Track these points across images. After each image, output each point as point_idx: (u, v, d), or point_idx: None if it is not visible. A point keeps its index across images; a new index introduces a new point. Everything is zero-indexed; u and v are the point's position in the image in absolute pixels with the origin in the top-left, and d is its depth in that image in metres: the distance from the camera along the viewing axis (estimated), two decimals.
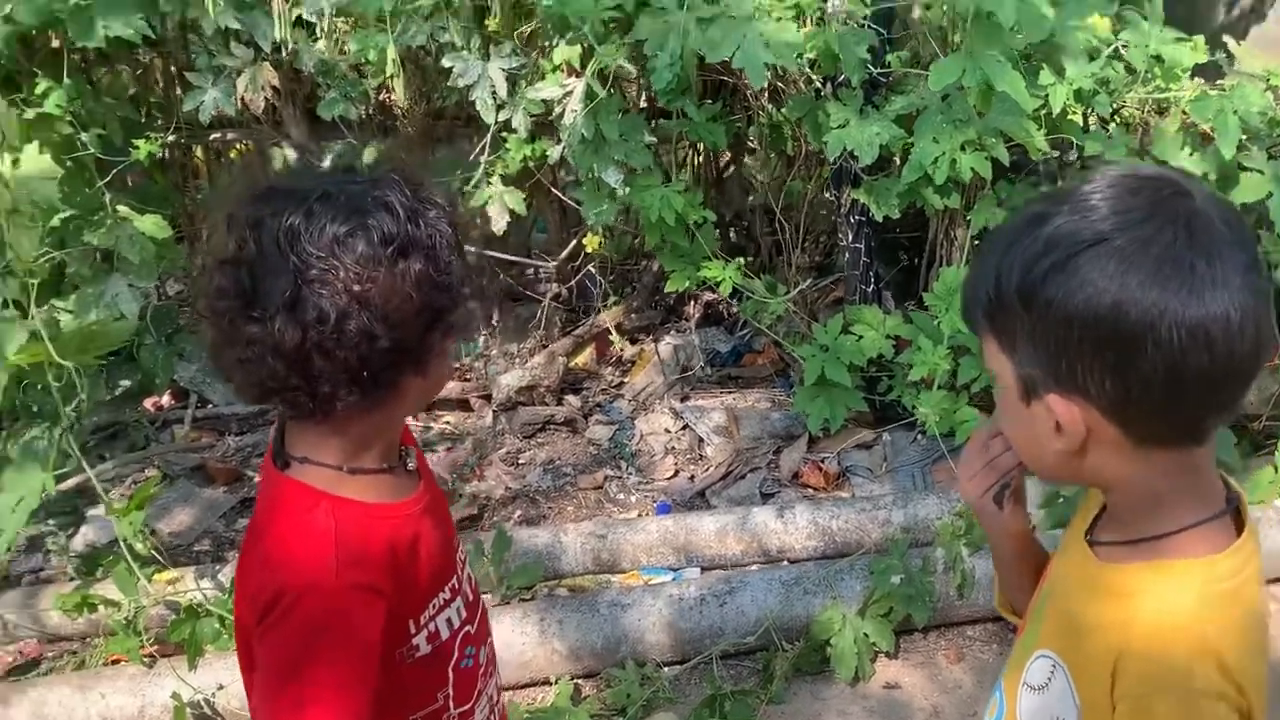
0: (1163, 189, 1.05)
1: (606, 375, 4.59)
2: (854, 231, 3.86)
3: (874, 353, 3.73)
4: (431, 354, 1.28)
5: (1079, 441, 1.07)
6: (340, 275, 1.19)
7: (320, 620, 1.23)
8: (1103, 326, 1.01)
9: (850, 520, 3.42)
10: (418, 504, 1.38)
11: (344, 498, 1.29)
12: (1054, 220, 1.05)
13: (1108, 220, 1.02)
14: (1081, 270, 1.01)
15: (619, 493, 3.95)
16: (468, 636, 1.44)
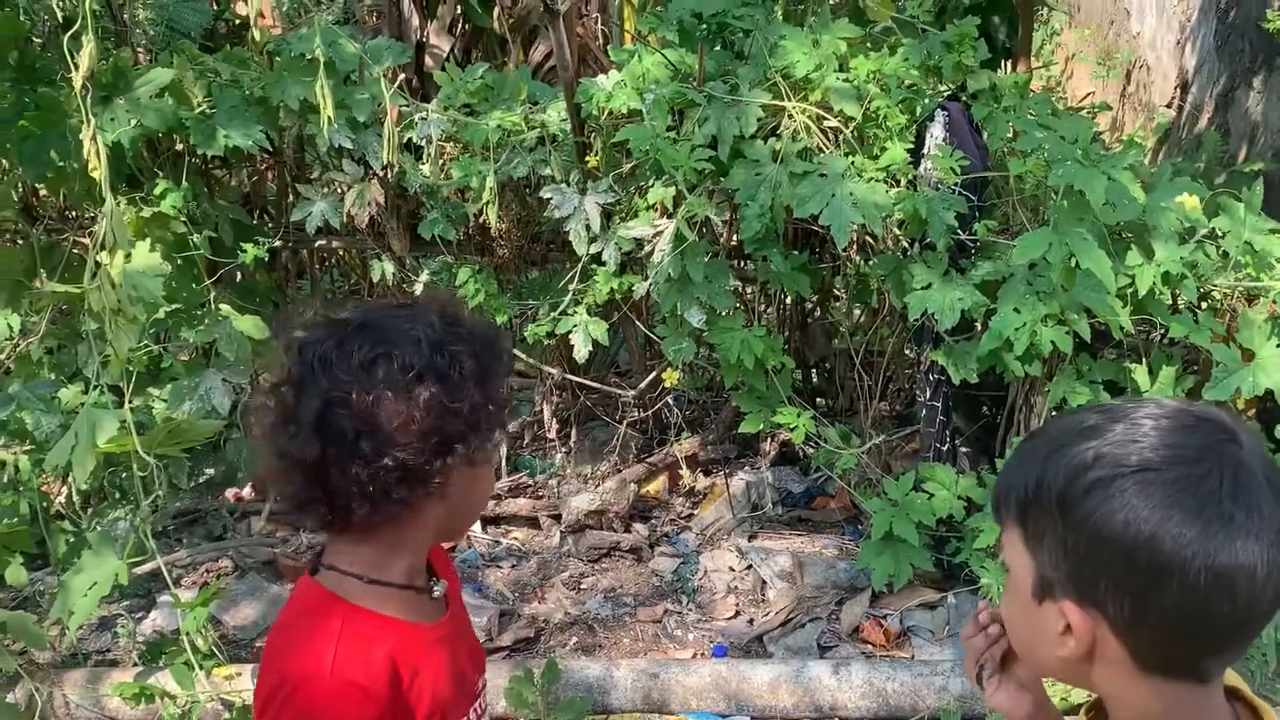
0: (1216, 432, 1.07)
1: (676, 505, 4.61)
2: (932, 389, 3.86)
3: (944, 512, 3.69)
4: (444, 478, 1.33)
5: (1084, 651, 1.09)
6: (357, 397, 1.29)
7: (312, 712, 1.29)
8: (1136, 553, 1.02)
9: (906, 684, 3.36)
10: (433, 632, 1.41)
11: (358, 605, 1.35)
12: (1107, 436, 1.07)
13: (1158, 451, 1.05)
14: (1127, 493, 1.03)
15: (676, 629, 3.94)
16: None
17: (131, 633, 3.62)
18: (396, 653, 1.34)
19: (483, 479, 1.43)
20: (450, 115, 3.76)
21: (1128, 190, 3.23)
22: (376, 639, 1.34)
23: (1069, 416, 1.15)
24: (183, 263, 3.85)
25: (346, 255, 5.01)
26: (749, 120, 3.50)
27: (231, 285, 4.25)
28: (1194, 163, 5.59)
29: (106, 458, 3.38)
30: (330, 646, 1.31)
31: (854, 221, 3.32)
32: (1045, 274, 3.33)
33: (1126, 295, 3.35)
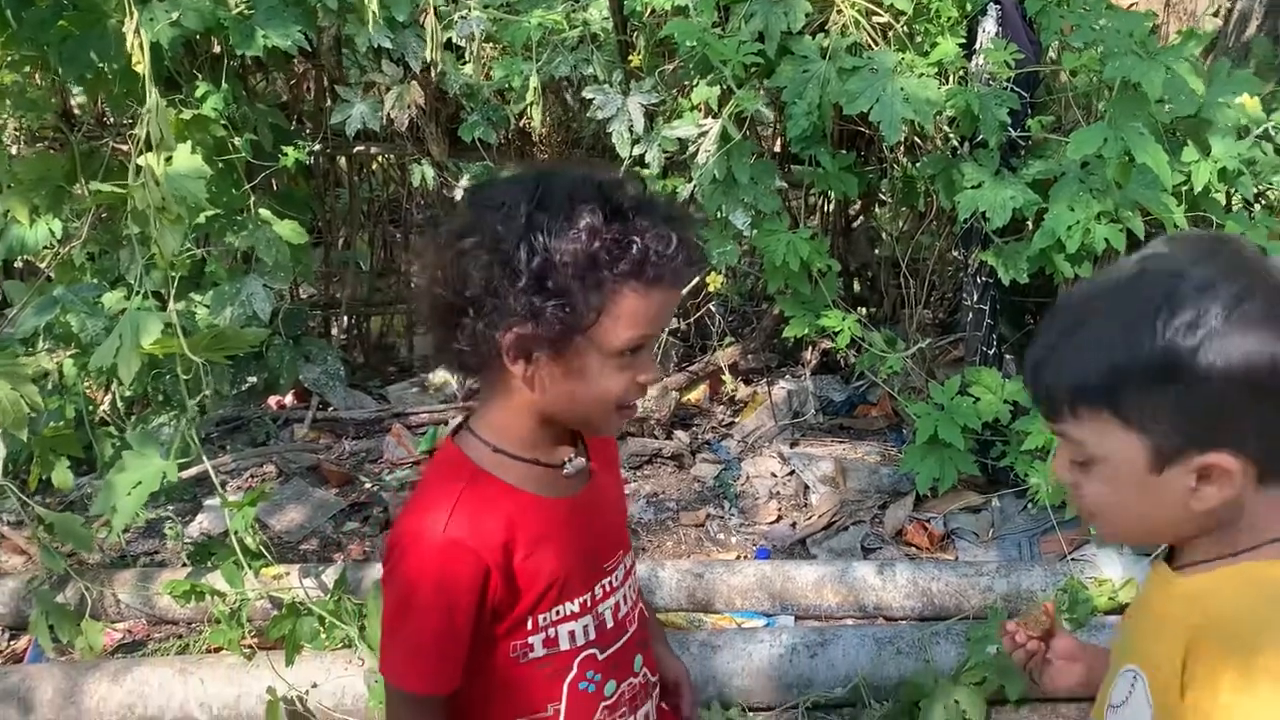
0: (1232, 245, 1.12)
1: (718, 414, 4.61)
2: (979, 292, 3.81)
3: (990, 416, 3.67)
4: (596, 304, 1.27)
5: (1236, 492, 1.11)
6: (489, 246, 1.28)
7: (419, 571, 1.33)
8: (1265, 382, 1.05)
9: (951, 584, 3.37)
10: (560, 505, 1.40)
11: (484, 470, 1.37)
12: (1180, 289, 1.07)
13: (1230, 283, 1.06)
14: (1234, 333, 1.05)
15: (719, 532, 3.95)
16: (593, 660, 1.45)
17: (179, 535, 3.66)
18: (516, 521, 1.35)
19: (580, 376, 1.33)
20: (490, 14, 3.69)
21: (1186, 83, 3.14)
22: (496, 504, 1.35)
23: (1095, 291, 1.15)
24: (223, 167, 3.83)
25: (385, 162, 4.98)
26: (797, 15, 3.42)
27: (270, 193, 4.23)
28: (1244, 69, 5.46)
29: (150, 363, 3.40)
30: (447, 506, 1.33)
31: (904, 118, 3.26)
32: (1099, 171, 3.27)
33: (1181, 193, 3.28)
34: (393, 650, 1.38)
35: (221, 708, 2.98)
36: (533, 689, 1.42)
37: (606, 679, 1.47)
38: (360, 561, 3.64)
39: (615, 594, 1.48)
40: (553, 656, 1.41)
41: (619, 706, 1.49)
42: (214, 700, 2.98)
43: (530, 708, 1.42)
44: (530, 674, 1.41)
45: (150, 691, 2.99)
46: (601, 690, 1.46)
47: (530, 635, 1.39)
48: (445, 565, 1.32)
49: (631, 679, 1.51)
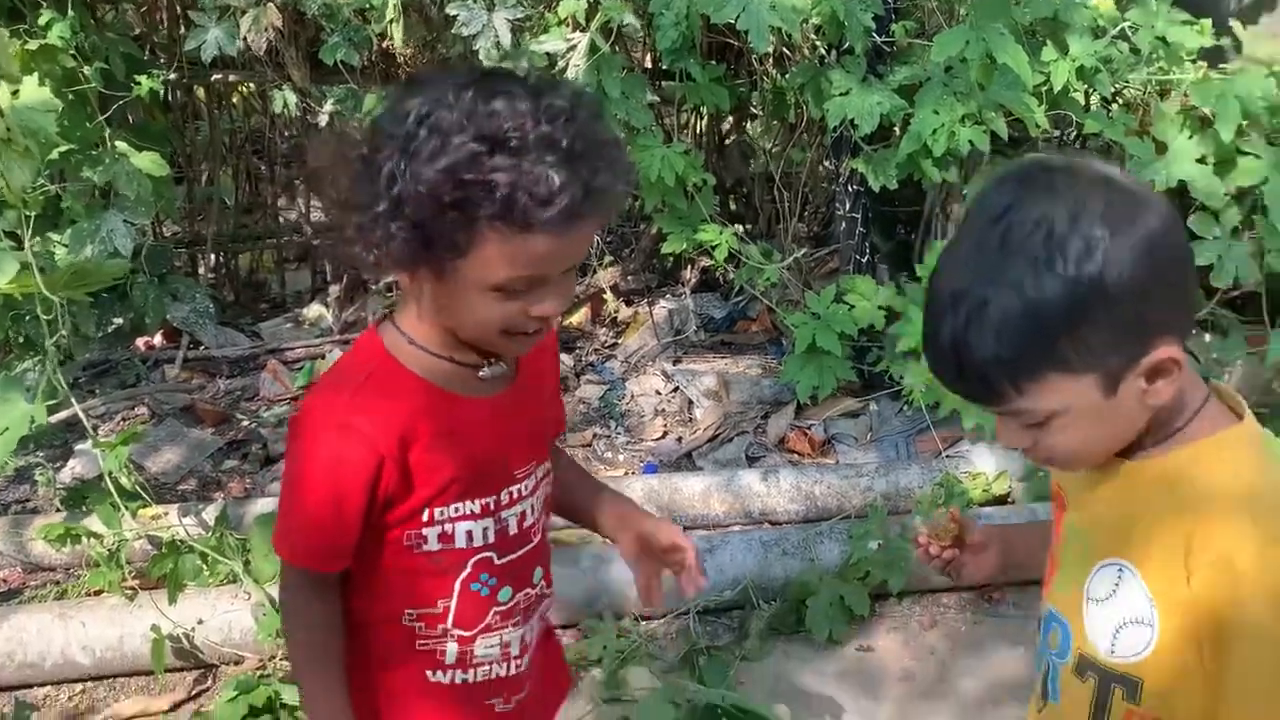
0: (1049, 166, 1.16)
1: (600, 335, 4.61)
2: (851, 201, 3.87)
3: (865, 323, 3.74)
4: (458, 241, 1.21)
5: (1182, 373, 1.15)
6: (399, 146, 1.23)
7: (312, 450, 1.35)
8: (1162, 261, 1.11)
9: (833, 486, 3.45)
10: (472, 405, 1.39)
11: (398, 361, 1.36)
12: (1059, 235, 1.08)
13: (1085, 197, 1.10)
14: (1119, 236, 1.08)
15: (606, 451, 3.97)
16: (489, 564, 1.44)
17: (50, 480, 3.54)
18: (419, 414, 1.34)
19: (456, 301, 1.29)
20: None
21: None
22: (401, 395, 1.34)
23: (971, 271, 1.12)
24: (74, 99, 3.66)
25: (245, 91, 4.82)
26: None
27: (126, 127, 4.06)
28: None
29: (9, 306, 3.26)
30: (349, 390, 1.34)
31: (771, 26, 3.26)
32: (962, 74, 3.33)
33: (1042, 93, 3.36)
34: (285, 526, 1.41)
35: (105, 649, 2.91)
36: (424, 582, 1.42)
37: (502, 584, 1.46)
38: (241, 498, 3.57)
39: (522, 502, 1.47)
40: (447, 553, 1.41)
41: (513, 614, 1.49)
42: (96, 643, 2.91)
43: (419, 600, 1.43)
44: (422, 565, 1.41)
45: (29, 638, 2.90)
46: (495, 595, 1.46)
47: (425, 527, 1.39)
48: (337, 448, 1.33)
49: (529, 589, 1.51)
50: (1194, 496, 1.16)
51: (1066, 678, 1.29)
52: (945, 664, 2.99)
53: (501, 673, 1.51)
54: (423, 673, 1.48)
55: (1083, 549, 1.27)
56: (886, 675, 2.95)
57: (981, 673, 2.95)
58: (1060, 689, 1.30)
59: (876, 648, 3.04)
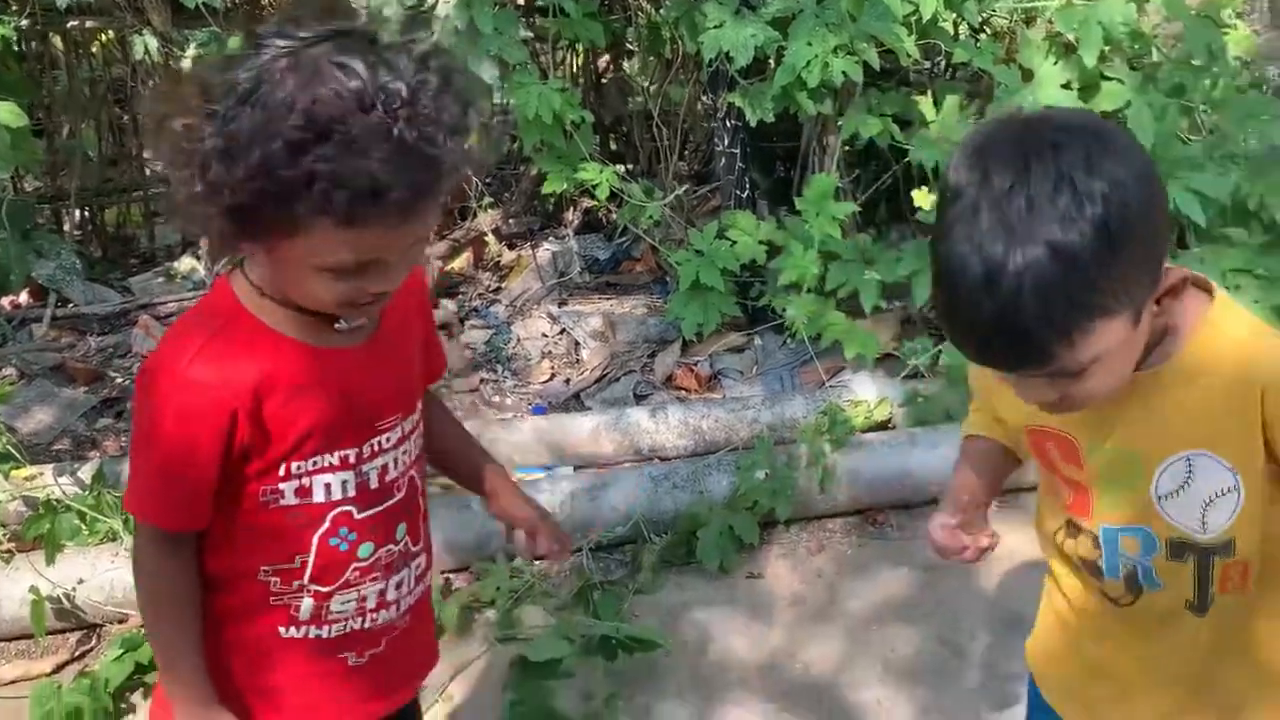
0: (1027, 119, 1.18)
1: (483, 280, 4.58)
2: (730, 137, 3.89)
3: (748, 258, 3.78)
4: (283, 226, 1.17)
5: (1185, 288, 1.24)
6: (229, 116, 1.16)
7: (161, 406, 1.29)
8: (1160, 192, 1.16)
9: (720, 420, 3.49)
10: (329, 355, 1.35)
11: (249, 311, 1.31)
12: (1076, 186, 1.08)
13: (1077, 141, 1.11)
14: (1119, 169, 1.10)
15: (495, 396, 3.96)
16: (348, 518, 1.40)
17: None
18: (273, 366, 1.30)
19: (288, 275, 1.25)
20: None
21: None
22: (253, 347, 1.29)
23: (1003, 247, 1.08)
24: None
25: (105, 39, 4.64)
26: None
27: None
28: None
29: None
30: (196, 344, 1.28)
31: None
32: (834, 6, 3.36)
33: (911, 23, 3.41)
34: (136, 483, 1.35)
35: None
36: (281, 537, 1.39)
37: (362, 540, 1.42)
38: (118, 456, 3.47)
39: (385, 455, 1.43)
40: (304, 507, 1.37)
41: (373, 570, 1.45)
42: None
43: (276, 556, 1.40)
44: (279, 521, 1.37)
45: None
46: (355, 550, 1.42)
47: (282, 481, 1.35)
48: (186, 403, 1.28)
49: (391, 545, 1.46)
50: (1243, 366, 1.23)
51: (1163, 567, 1.36)
52: (833, 587, 3.06)
53: (356, 627, 1.47)
54: (275, 628, 1.44)
55: (1132, 464, 1.32)
56: (776, 600, 3.01)
57: (867, 594, 3.03)
58: (1159, 579, 1.38)
59: (766, 575, 3.10)
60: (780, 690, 2.71)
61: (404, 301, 1.42)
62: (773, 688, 2.71)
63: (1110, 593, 1.44)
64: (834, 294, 3.67)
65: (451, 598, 2.94)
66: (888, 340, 3.80)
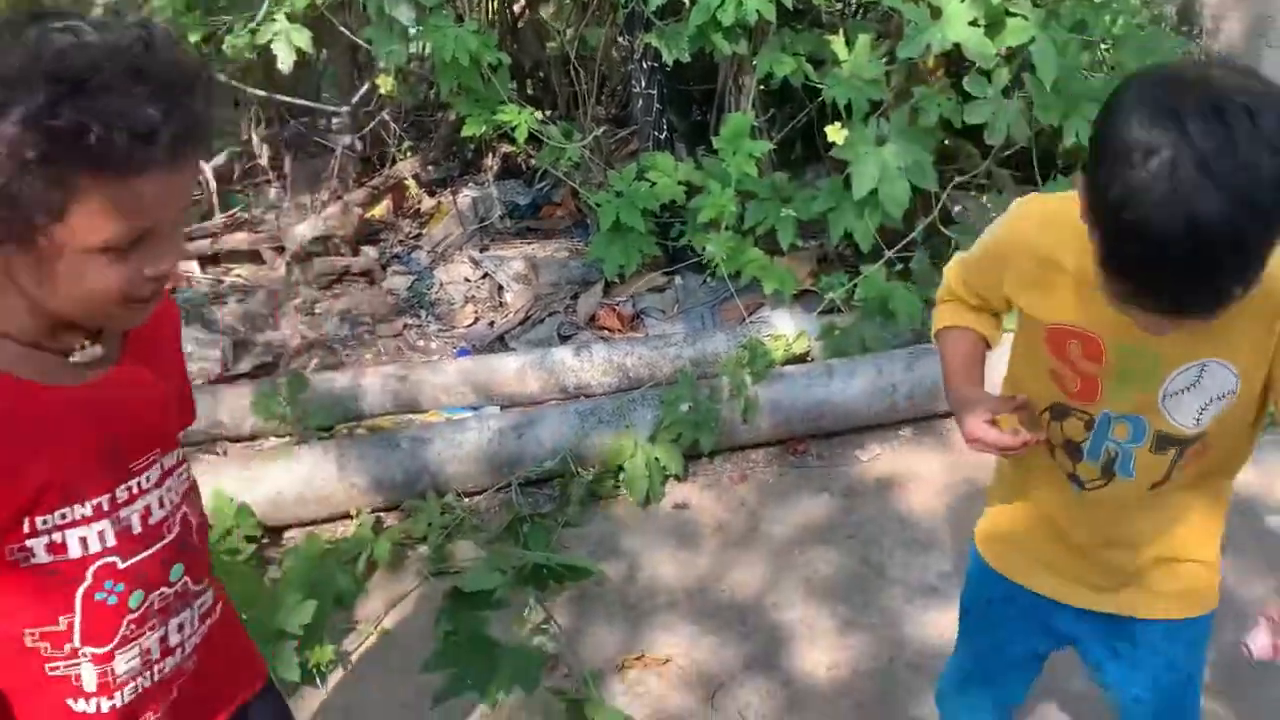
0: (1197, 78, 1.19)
1: (404, 227, 4.58)
2: (647, 78, 3.93)
3: (667, 198, 3.83)
4: (50, 202, 1.06)
5: None
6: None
7: None
8: None
9: (644, 357, 3.56)
10: (64, 394, 1.21)
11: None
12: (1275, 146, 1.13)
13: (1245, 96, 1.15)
14: None
15: (419, 340, 3.98)
16: (112, 570, 1.28)
17: None
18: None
19: (57, 274, 1.12)
20: None
21: None
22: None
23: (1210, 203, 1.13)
24: None
25: None
26: None
27: None
28: None
29: None
30: None
31: None
32: None
33: None
34: None
35: None
36: (39, 598, 1.25)
37: (132, 589, 1.30)
38: None
39: (145, 496, 1.31)
40: (61, 563, 1.24)
41: (148, 619, 1.34)
42: None
43: (37, 619, 1.26)
44: (35, 581, 1.23)
45: None
46: (125, 602, 1.30)
47: (30, 539, 1.21)
48: None
49: (165, 589, 1.35)
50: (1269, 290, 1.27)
51: (1143, 455, 1.53)
52: (756, 514, 3.15)
53: (146, 684, 1.36)
54: (63, 703, 1.31)
55: (1151, 363, 1.45)
56: (702, 529, 3.10)
57: (789, 519, 3.13)
58: (1135, 465, 1.54)
59: (691, 504, 3.19)
60: (706, 613, 2.80)
61: (155, 325, 1.32)
62: (699, 611, 2.81)
63: (1082, 475, 1.58)
64: (752, 232, 3.74)
65: (384, 534, 2.98)
66: (804, 276, 3.89)
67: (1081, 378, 1.53)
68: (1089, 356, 1.50)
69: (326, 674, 2.63)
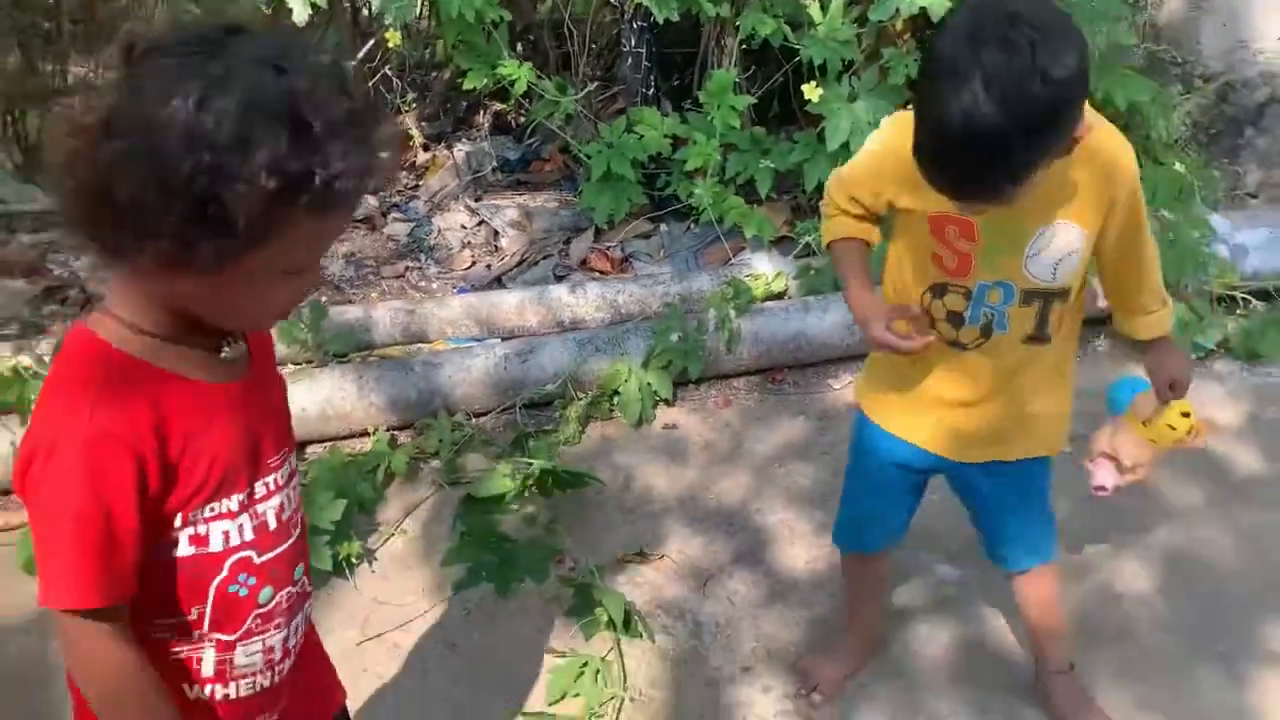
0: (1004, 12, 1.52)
1: (401, 177, 4.82)
2: (636, 37, 4.20)
3: (654, 150, 4.12)
4: (265, 231, 1.10)
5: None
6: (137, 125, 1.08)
7: (68, 473, 1.16)
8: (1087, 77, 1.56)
9: (634, 294, 3.84)
10: (219, 391, 1.27)
11: (126, 352, 1.20)
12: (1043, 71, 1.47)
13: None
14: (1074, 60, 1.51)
15: (420, 281, 4.24)
16: (247, 564, 1.33)
17: None
18: (166, 407, 1.20)
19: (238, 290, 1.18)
20: None
21: None
22: (142, 388, 1.19)
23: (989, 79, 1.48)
24: None
25: None
26: None
27: None
28: None
29: None
30: (88, 396, 1.16)
31: None
32: None
33: None
34: (52, 568, 1.19)
35: None
36: (175, 589, 1.29)
37: (262, 584, 1.35)
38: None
39: (280, 494, 1.37)
40: (200, 556, 1.28)
41: (274, 616, 1.38)
42: None
43: (170, 609, 1.30)
44: (173, 573, 1.28)
45: None
46: (255, 596, 1.35)
47: (177, 531, 1.26)
48: (98, 461, 1.16)
49: (290, 588, 1.40)
50: (1106, 162, 1.73)
51: (1014, 312, 1.87)
52: (739, 434, 3.45)
53: (265, 683, 1.40)
54: (179, 688, 1.33)
55: (1015, 230, 1.78)
56: (690, 446, 3.39)
57: (769, 440, 3.42)
58: (1009, 321, 1.88)
59: (680, 425, 3.48)
60: (697, 517, 3.09)
61: (264, 336, 1.41)
62: (690, 515, 3.10)
63: (964, 339, 1.93)
64: (733, 181, 4.03)
65: (399, 449, 3.25)
66: (781, 224, 4.19)
67: (958, 256, 1.85)
68: (964, 236, 1.83)
69: (355, 566, 2.89)
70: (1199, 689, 2.52)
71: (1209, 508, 3.09)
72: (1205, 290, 3.70)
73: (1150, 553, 2.92)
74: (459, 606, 2.78)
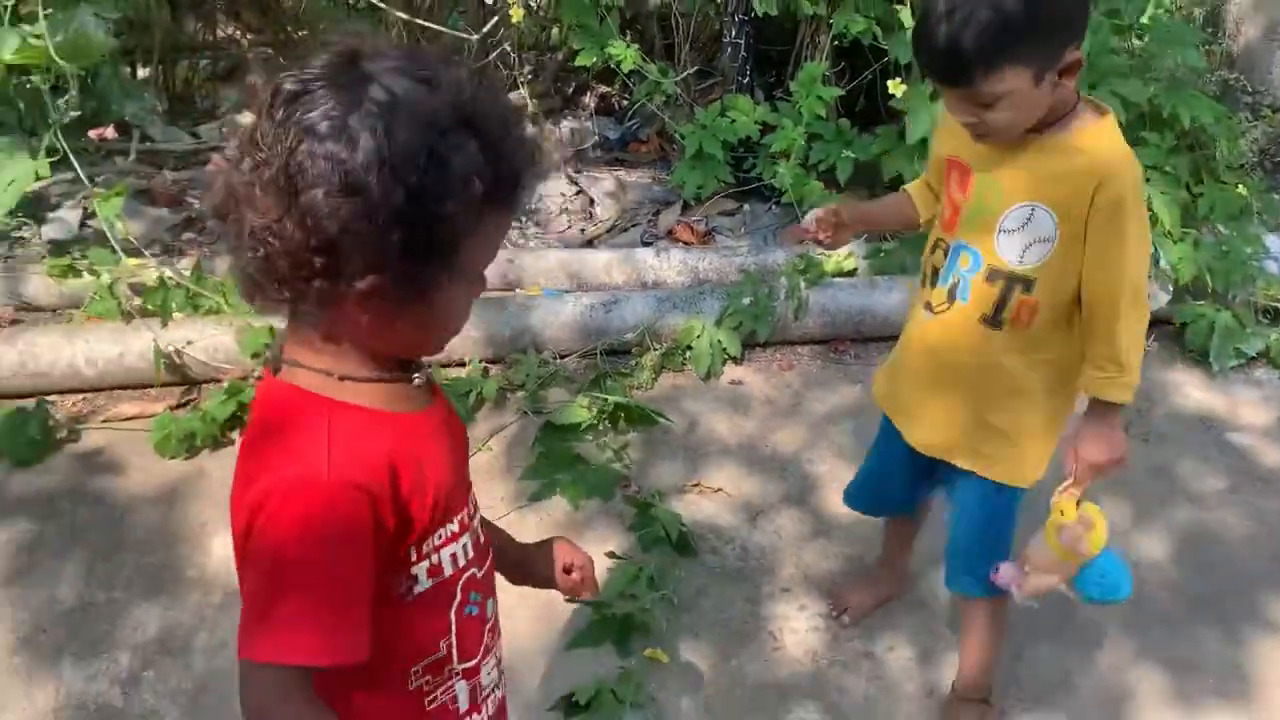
0: None
1: None
2: (737, 29, 4.53)
3: (744, 134, 4.43)
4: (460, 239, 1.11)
5: (1079, 71, 1.76)
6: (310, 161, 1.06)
7: (307, 524, 1.12)
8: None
9: (714, 263, 4.16)
10: (428, 420, 1.26)
11: (339, 399, 1.18)
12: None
13: None
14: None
15: (520, 240, 4.61)
16: (474, 581, 1.33)
17: (38, 233, 4.01)
18: (395, 448, 1.19)
19: (434, 307, 1.16)
20: None
21: None
22: (372, 434, 1.18)
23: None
24: None
25: None
26: None
27: None
28: None
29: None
30: (322, 445, 1.13)
31: None
32: None
33: None
34: (274, 619, 1.12)
35: (106, 363, 3.44)
36: (423, 629, 1.29)
37: (486, 598, 1.36)
38: (207, 258, 4.10)
39: (480, 510, 1.39)
40: (439, 585, 1.28)
41: (496, 627, 1.41)
42: (99, 356, 3.43)
43: (422, 651, 1.29)
44: (417, 612, 1.27)
45: (40, 351, 3.40)
46: (484, 611, 1.36)
47: (414, 565, 1.25)
48: (341, 511, 1.13)
49: (494, 597, 1.41)
50: (1098, 159, 1.78)
51: (977, 284, 1.93)
52: (799, 394, 3.74)
53: (499, 694, 1.41)
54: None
55: (996, 196, 1.87)
56: (753, 400, 3.70)
57: (826, 401, 3.71)
58: (970, 292, 1.94)
59: (745, 382, 3.78)
60: (753, 461, 3.39)
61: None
62: (747, 459, 3.40)
63: (933, 300, 2.05)
64: (815, 168, 4.34)
65: (491, 379, 3.60)
66: None
67: (952, 209, 1.99)
68: (961, 186, 1.96)
69: None
70: (1197, 644, 2.77)
71: (1230, 494, 3.32)
72: (1251, 301, 3.92)
73: (1168, 527, 3.17)
74: (534, 514, 3.12)
